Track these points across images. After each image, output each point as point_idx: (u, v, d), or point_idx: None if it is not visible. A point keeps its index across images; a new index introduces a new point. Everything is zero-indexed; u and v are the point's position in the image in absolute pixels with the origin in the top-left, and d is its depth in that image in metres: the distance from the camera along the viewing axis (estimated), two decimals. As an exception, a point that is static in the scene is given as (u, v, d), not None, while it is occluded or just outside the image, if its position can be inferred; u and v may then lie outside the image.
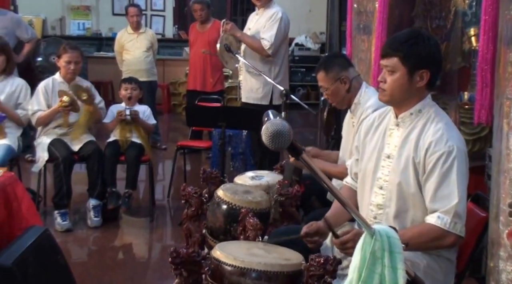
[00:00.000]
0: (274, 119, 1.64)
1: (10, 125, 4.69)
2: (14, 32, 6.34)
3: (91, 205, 4.64)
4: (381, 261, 1.66)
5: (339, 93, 3.15)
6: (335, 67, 3.13)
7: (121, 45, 7.19)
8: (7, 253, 3.00)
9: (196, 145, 5.79)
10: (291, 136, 1.62)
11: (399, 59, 2.29)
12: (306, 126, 9.12)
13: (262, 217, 2.68)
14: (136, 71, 6.83)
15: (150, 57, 7.19)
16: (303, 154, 1.63)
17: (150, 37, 7.24)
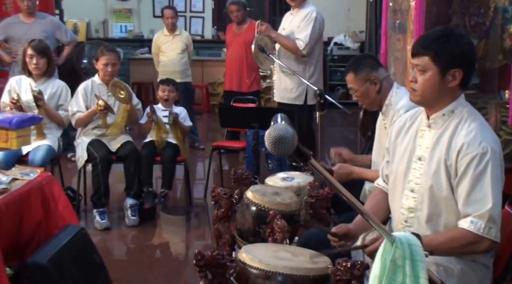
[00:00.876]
0: (277, 124, 1.59)
1: (51, 126, 4.79)
2: (53, 35, 6.42)
3: (128, 204, 4.71)
4: (402, 270, 1.60)
5: (369, 94, 3.10)
6: (364, 68, 3.08)
7: (158, 47, 7.28)
8: (43, 251, 3.07)
9: (231, 146, 5.81)
10: (295, 142, 1.56)
11: (430, 58, 2.23)
12: (346, 125, 9.04)
13: (291, 219, 2.66)
14: (171, 73, 6.89)
15: (185, 59, 7.24)
16: (311, 160, 1.59)
17: (185, 39, 7.29)
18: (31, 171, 3.50)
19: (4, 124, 3.31)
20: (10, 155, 4.34)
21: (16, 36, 6.42)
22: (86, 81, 4.92)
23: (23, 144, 3.51)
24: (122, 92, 4.72)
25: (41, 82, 4.82)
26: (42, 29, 6.36)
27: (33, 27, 6.37)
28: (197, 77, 9.88)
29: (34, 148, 4.53)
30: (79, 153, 4.76)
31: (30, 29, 6.35)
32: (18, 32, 6.41)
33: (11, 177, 3.31)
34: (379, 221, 1.65)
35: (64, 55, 6.64)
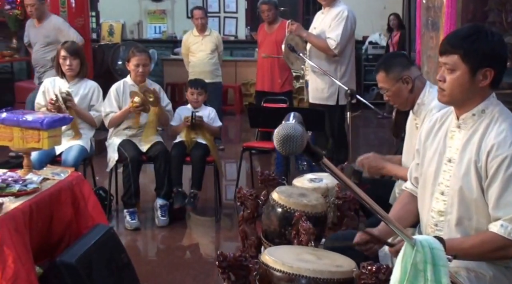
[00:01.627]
0: (287, 122, 1.54)
1: (83, 126, 4.83)
2: (57, 39, 6.32)
3: (158, 205, 4.73)
4: (424, 275, 1.55)
5: (401, 93, 3.02)
6: (396, 66, 3.00)
7: (187, 48, 7.30)
8: (72, 250, 3.10)
9: (261, 146, 5.78)
10: (304, 141, 1.51)
11: (460, 56, 2.14)
12: (381, 126, 8.93)
13: (318, 221, 2.62)
14: (200, 73, 6.91)
15: (214, 59, 7.25)
16: (323, 159, 1.54)
17: (215, 39, 7.29)
18: (62, 171, 3.54)
19: (36, 125, 3.34)
20: (43, 155, 4.40)
21: (30, 39, 6.62)
22: (118, 82, 4.96)
23: (54, 144, 3.54)
24: (151, 95, 4.74)
25: (74, 83, 4.87)
26: (45, 34, 6.45)
27: (39, 31, 6.48)
28: (230, 77, 9.90)
29: (67, 148, 4.58)
30: (110, 154, 4.80)
31: (37, 33, 6.49)
32: (30, 36, 6.59)
33: (42, 177, 3.35)
34: (399, 224, 1.59)
35: None
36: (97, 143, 5.32)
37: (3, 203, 2.85)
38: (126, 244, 3.90)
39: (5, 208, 2.84)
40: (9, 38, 7.97)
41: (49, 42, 6.43)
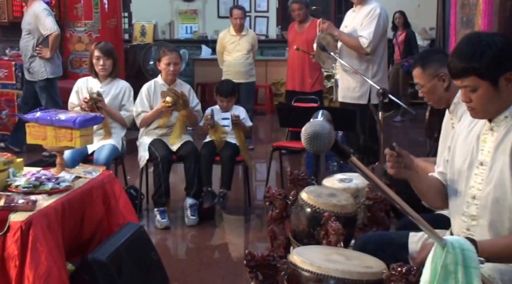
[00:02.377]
0: (315, 120, 1.53)
1: (115, 126, 4.87)
2: (37, 27, 6.47)
3: (188, 204, 4.75)
4: (454, 276, 1.52)
5: (436, 91, 2.95)
6: (433, 63, 2.93)
7: (223, 46, 7.30)
8: (103, 248, 3.13)
9: (291, 146, 5.76)
10: (331, 139, 1.50)
11: (476, 76, 2.09)
12: (414, 126, 8.83)
13: (347, 221, 2.60)
14: (235, 73, 6.91)
15: (249, 59, 7.25)
16: (351, 158, 1.53)
17: (251, 40, 7.29)
18: (94, 170, 3.58)
19: (68, 124, 3.39)
20: (76, 154, 4.45)
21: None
22: (149, 82, 5.00)
23: (86, 143, 3.58)
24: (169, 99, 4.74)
25: (106, 83, 4.92)
26: (27, 21, 6.52)
27: (25, 18, 6.58)
28: (261, 77, 9.90)
29: (99, 147, 4.63)
30: (141, 153, 4.84)
31: (24, 20, 6.59)
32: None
33: (75, 175, 3.39)
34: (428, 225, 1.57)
35: (50, 49, 6.57)
36: (129, 143, 5.36)
37: (36, 200, 2.90)
38: (156, 242, 3.93)
39: (39, 206, 2.88)
40: (44, 39, 8.09)
41: (29, 29, 6.48)
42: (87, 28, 7.60)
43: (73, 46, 7.72)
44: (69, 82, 6.78)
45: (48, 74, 6.67)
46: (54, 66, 6.73)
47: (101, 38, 6.99)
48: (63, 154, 3.58)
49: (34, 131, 3.45)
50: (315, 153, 1.43)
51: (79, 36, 7.65)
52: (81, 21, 7.60)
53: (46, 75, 6.65)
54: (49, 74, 6.67)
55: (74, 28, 7.65)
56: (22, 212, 2.80)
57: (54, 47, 6.64)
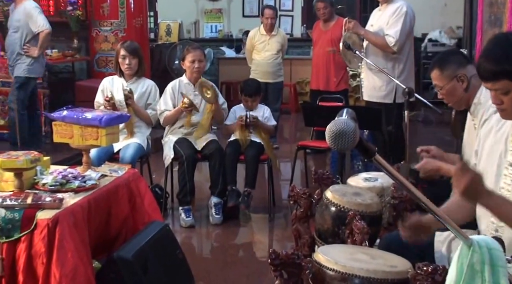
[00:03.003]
0: (339, 118, 1.52)
1: (140, 124, 4.91)
2: (27, 24, 6.36)
3: (212, 203, 4.76)
4: (481, 275, 1.50)
5: (455, 92, 2.93)
6: (451, 64, 2.91)
7: (252, 45, 7.29)
8: (128, 246, 3.15)
9: (316, 145, 5.74)
10: (356, 137, 1.49)
11: (508, 79, 2.04)
12: (441, 126, 8.73)
13: (373, 220, 2.58)
14: (263, 73, 6.91)
15: (278, 59, 7.25)
16: (376, 156, 1.52)
17: (281, 39, 7.28)
18: (119, 168, 3.60)
19: (94, 122, 3.41)
20: (102, 152, 4.49)
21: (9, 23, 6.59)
22: (174, 81, 5.02)
23: (112, 141, 3.61)
24: (209, 91, 4.77)
25: (132, 82, 4.95)
26: (17, 18, 6.41)
27: (13, 15, 6.48)
28: (285, 76, 9.83)
29: (124, 146, 4.66)
30: (166, 152, 4.86)
31: (12, 17, 6.50)
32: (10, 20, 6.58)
33: (100, 174, 3.41)
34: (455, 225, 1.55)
35: (38, 47, 6.47)
36: (154, 141, 5.39)
37: (63, 198, 2.93)
38: (180, 241, 3.94)
39: (65, 204, 2.91)
40: (70, 39, 8.18)
41: (18, 27, 6.38)
42: (113, 27, 7.69)
43: (99, 45, 7.81)
44: (95, 81, 6.86)
45: (30, 73, 6.53)
46: (39, 65, 6.61)
47: (127, 37, 7.06)
48: (89, 152, 3.60)
49: (61, 129, 3.49)
50: (339, 151, 1.43)
51: (105, 35, 7.74)
52: (107, 20, 7.69)
53: (28, 73, 6.50)
54: (31, 73, 6.54)
55: (100, 27, 7.74)
56: (49, 210, 2.83)
57: (43, 45, 6.57)
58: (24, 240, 2.80)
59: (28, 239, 2.79)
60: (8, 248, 2.81)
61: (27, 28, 6.40)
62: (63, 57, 7.92)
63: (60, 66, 8.28)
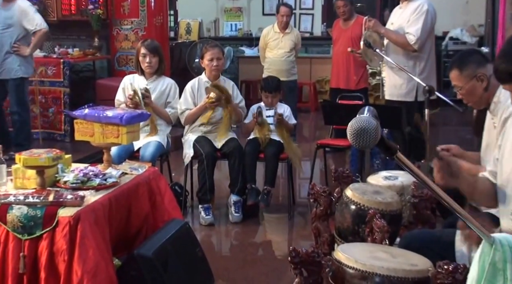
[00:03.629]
0: (360, 116, 1.52)
1: (160, 123, 4.92)
2: (20, 23, 6.23)
3: (232, 201, 4.77)
4: (503, 274, 1.50)
5: (475, 92, 2.92)
6: (470, 64, 2.91)
7: (266, 43, 7.31)
8: (149, 243, 3.17)
9: (336, 144, 5.72)
10: (377, 134, 1.49)
11: None
12: (462, 124, 8.65)
13: (393, 219, 2.57)
14: (276, 71, 6.90)
15: (291, 57, 7.24)
16: (397, 154, 1.51)
17: (294, 38, 7.27)
18: (140, 166, 3.62)
19: (115, 120, 3.43)
20: (122, 150, 4.51)
21: None
22: (193, 79, 5.04)
23: (132, 139, 3.63)
24: (212, 94, 4.76)
25: (152, 80, 4.97)
26: (7, 16, 6.24)
27: (3, 13, 6.27)
28: (305, 74, 9.87)
29: (144, 144, 4.68)
30: (186, 150, 4.88)
31: (1, 15, 6.28)
32: None
33: (121, 171, 3.43)
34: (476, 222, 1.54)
35: (31, 46, 6.41)
36: (174, 140, 5.42)
37: (84, 196, 2.95)
38: (200, 239, 3.94)
39: (86, 201, 2.93)
40: (91, 37, 8.25)
41: (10, 24, 6.24)
42: (133, 26, 7.74)
43: (120, 44, 7.87)
44: (116, 79, 6.91)
45: (23, 73, 6.42)
46: (29, 65, 6.51)
47: (147, 35, 7.09)
48: (110, 150, 3.63)
49: (82, 127, 3.51)
50: (361, 149, 1.42)
51: (125, 34, 7.79)
52: (127, 19, 7.74)
53: (21, 73, 6.41)
54: (23, 73, 6.42)
55: (121, 26, 7.79)
56: (70, 208, 2.85)
57: (38, 44, 6.52)
58: (46, 237, 2.82)
59: (50, 237, 2.82)
60: (30, 245, 2.84)
61: (20, 27, 6.26)
62: (84, 56, 7.99)
63: (81, 64, 8.36)
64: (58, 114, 7.47)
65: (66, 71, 7.38)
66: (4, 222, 2.86)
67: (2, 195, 2.95)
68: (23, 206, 2.87)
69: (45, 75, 7.43)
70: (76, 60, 7.80)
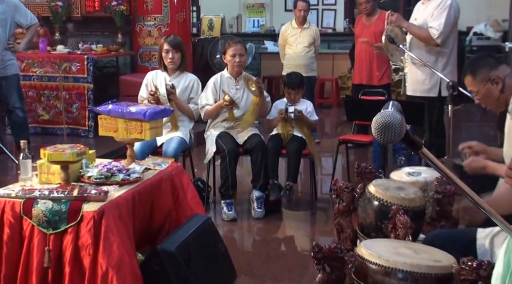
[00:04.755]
0: (385, 111, 1.51)
1: (183, 119, 4.95)
2: (13, 18, 6.11)
3: (254, 197, 4.78)
4: (528, 270, 1.49)
5: (491, 95, 2.91)
6: (483, 68, 2.90)
7: (285, 39, 7.31)
8: (172, 238, 3.19)
9: (358, 140, 5.70)
10: (402, 129, 1.48)
11: None
12: (486, 120, 8.56)
13: (416, 215, 2.56)
14: (296, 66, 6.89)
15: (310, 53, 7.22)
16: (422, 149, 1.50)
17: (313, 33, 7.27)
18: (163, 162, 3.65)
19: (138, 116, 3.45)
20: (145, 146, 4.55)
21: None
22: (216, 75, 5.05)
23: (155, 135, 3.65)
24: (253, 84, 4.80)
25: (175, 76, 4.99)
26: (0, 11, 6.07)
27: None
28: (327, 70, 9.85)
29: (167, 140, 4.71)
30: (208, 146, 4.90)
31: None
32: None
33: (144, 167, 3.46)
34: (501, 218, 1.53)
35: (24, 41, 6.36)
36: (196, 135, 5.44)
37: (108, 191, 2.97)
38: (222, 234, 3.97)
39: (110, 196, 2.95)
40: (115, 33, 8.32)
41: (2, 19, 6.06)
42: (156, 22, 7.79)
43: (143, 40, 7.93)
44: (139, 75, 6.96)
45: (17, 69, 6.39)
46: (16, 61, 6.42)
47: (170, 31, 7.14)
48: (133, 146, 3.65)
49: (106, 123, 3.54)
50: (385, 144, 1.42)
51: (148, 30, 7.85)
52: (150, 15, 7.79)
53: (17, 69, 6.38)
54: (18, 69, 6.40)
55: (144, 22, 7.85)
56: (94, 202, 2.88)
57: (31, 39, 6.45)
58: (70, 232, 2.85)
59: (75, 231, 2.84)
60: (55, 239, 2.87)
61: (12, 22, 6.15)
62: (107, 52, 8.06)
63: (104, 60, 8.43)
64: (82, 110, 7.54)
65: (90, 67, 7.44)
66: (30, 216, 2.90)
67: (27, 190, 2.99)
68: (48, 201, 2.90)
69: (69, 71, 7.49)
70: (99, 56, 7.87)
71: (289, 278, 3.78)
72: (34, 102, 7.64)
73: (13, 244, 2.92)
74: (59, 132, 7.52)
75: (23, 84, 7.26)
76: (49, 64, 7.51)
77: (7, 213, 2.92)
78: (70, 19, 8.32)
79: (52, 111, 7.61)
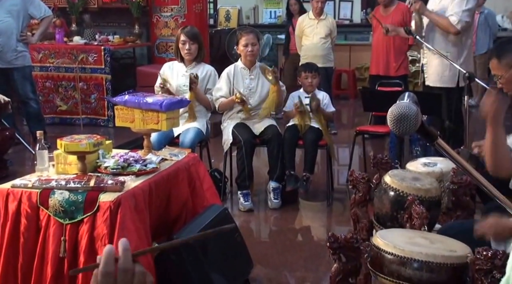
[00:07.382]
0: (401, 102, 1.50)
1: (200, 109, 4.95)
2: (26, 10, 6.10)
3: (271, 187, 4.79)
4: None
5: None
6: (509, 53, 2.85)
7: (301, 30, 7.29)
8: (189, 229, 3.20)
9: (375, 130, 5.68)
10: (418, 120, 1.47)
11: None
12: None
13: (431, 205, 2.55)
14: (313, 57, 6.86)
15: (327, 44, 7.19)
16: (438, 140, 1.49)
17: (329, 24, 7.24)
18: (179, 152, 3.65)
19: (155, 107, 3.46)
20: (162, 136, 4.57)
21: None
22: (230, 66, 5.04)
23: (172, 126, 3.66)
24: (270, 74, 4.79)
25: (191, 67, 4.99)
26: (12, 3, 6.09)
27: (6, 1, 6.10)
28: (344, 61, 9.79)
29: (184, 130, 4.73)
30: (225, 137, 4.91)
31: (4, 3, 6.09)
32: None
33: (161, 157, 3.46)
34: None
35: (38, 33, 6.37)
36: (213, 126, 5.45)
37: (124, 181, 2.98)
38: (239, 225, 3.99)
39: (127, 187, 2.95)
40: (132, 24, 8.34)
41: (15, 11, 6.09)
42: (173, 13, 7.79)
43: (160, 31, 7.94)
44: (156, 66, 6.98)
45: (30, 61, 6.43)
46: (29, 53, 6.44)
47: (187, 22, 7.13)
48: (150, 136, 3.67)
49: (122, 113, 3.56)
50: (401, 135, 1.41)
51: (165, 21, 7.86)
52: (167, 6, 7.80)
53: (31, 61, 6.45)
54: (30, 60, 6.44)
55: (161, 13, 7.86)
56: (111, 193, 2.89)
57: (45, 31, 6.45)
58: (86, 222, 2.86)
59: (91, 221, 2.86)
60: (71, 229, 2.88)
61: (25, 14, 6.15)
62: (124, 43, 8.08)
63: (121, 51, 8.46)
64: (100, 100, 7.58)
65: (107, 58, 7.47)
66: (46, 206, 2.91)
67: (44, 180, 3.00)
68: (64, 191, 2.91)
69: (86, 62, 7.53)
70: (116, 47, 7.90)
71: (305, 267, 3.80)
72: (52, 92, 7.68)
73: (30, 234, 2.94)
74: (77, 122, 7.58)
75: (40, 75, 7.34)
76: (66, 55, 7.56)
77: (24, 203, 2.94)
78: (86, 10, 8.35)
79: (70, 102, 7.66)
